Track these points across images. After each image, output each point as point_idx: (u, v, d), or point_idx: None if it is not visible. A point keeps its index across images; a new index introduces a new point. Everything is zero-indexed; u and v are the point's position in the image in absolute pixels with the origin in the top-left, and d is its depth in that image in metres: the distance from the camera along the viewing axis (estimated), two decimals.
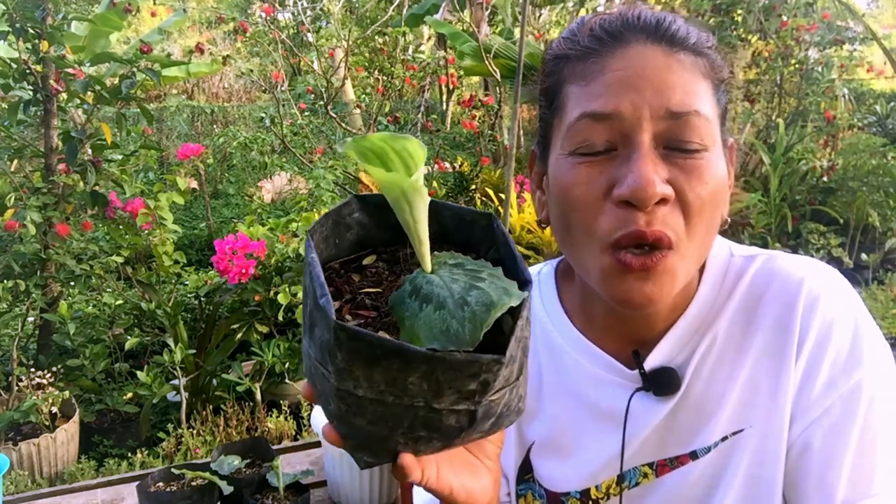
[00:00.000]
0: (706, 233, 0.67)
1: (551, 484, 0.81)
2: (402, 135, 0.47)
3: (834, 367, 0.68)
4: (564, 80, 0.71)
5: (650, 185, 0.62)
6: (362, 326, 0.48)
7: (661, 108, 0.64)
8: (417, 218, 0.49)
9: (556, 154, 0.71)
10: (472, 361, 0.45)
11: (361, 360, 0.46)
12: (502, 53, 5.52)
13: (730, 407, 0.71)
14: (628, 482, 0.76)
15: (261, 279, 2.94)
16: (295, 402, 2.87)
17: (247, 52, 6.58)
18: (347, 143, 0.48)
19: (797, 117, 5.91)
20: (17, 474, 2.45)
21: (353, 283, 0.54)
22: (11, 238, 2.97)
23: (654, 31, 0.68)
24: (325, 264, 0.56)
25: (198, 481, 1.66)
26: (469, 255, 0.55)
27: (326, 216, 0.56)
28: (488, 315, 0.45)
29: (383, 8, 8.34)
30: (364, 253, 0.58)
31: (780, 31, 5.62)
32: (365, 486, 1.74)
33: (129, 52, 3.48)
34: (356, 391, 0.47)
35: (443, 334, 0.45)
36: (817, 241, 4.98)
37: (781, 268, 0.73)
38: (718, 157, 0.67)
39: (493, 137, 5.41)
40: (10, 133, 3.14)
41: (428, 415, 0.47)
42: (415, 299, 0.48)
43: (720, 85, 0.70)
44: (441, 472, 0.58)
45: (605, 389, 0.77)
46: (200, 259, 5.18)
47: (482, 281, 0.48)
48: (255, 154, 4.75)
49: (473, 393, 0.47)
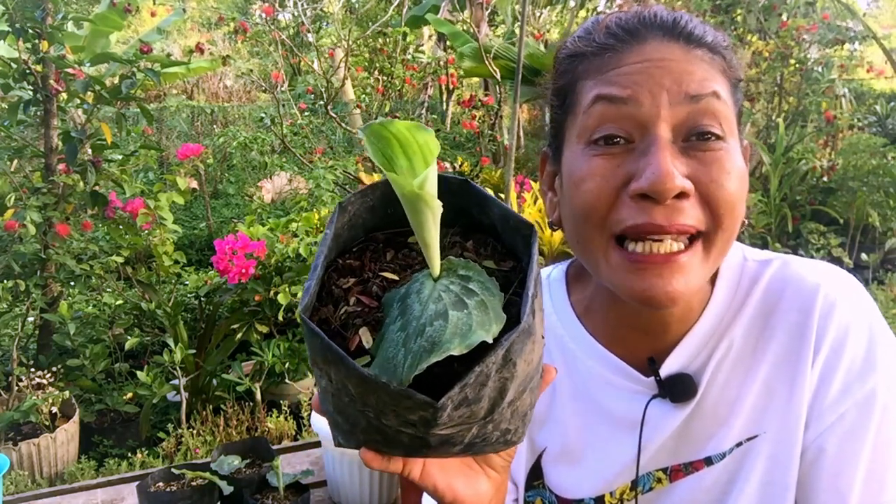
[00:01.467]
0: (732, 228, 0.65)
1: (563, 490, 0.79)
2: (426, 128, 0.46)
3: (849, 374, 0.68)
4: (579, 77, 0.69)
5: (669, 177, 0.60)
6: (353, 315, 0.49)
7: (679, 93, 0.63)
8: (421, 222, 0.47)
9: (571, 148, 0.69)
10: (404, 397, 0.43)
11: (320, 356, 0.46)
12: (502, 54, 5.52)
13: (745, 413, 0.71)
14: (642, 487, 0.75)
15: (261, 279, 2.94)
16: (295, 402, 2.87)
17: (247, 52, 6.58)
18: (372, 125, 0.46)
19: (797, 117, 5.91)
20: (17, 474, 2.45)
21: (381, 262, 0.53)
22: (11, 238, 2.96)
23: (671, 29, 0.67)
24: (369, 233, 0.55)
25: (198, 481, 1.66)
26: (508, 262, 0.53)
27: (374, 186, 0.54)
28: (427, 357, 0.42)
29: (383, 8, 8.33)
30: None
31: (780, 31, 5.62)
32: (365, 486, 1.73)
33: (129, 52, 3.47)
34: (321, 380, 0.48)
35: (387, 361, 0.44)
36: (817, 241, 4.98)
37: (796, 273, 0.72)
38: (737, 150, 0.66)
39: (493, 137, 5.41)
40: (10, 133, 3.14)
41: (378, 425, 0.46)
42: (398, 306, 0.47)
43: (737, 84, 0.69)
44: (427, 469, 0.56)
45: (620, 396, 0.76)
46: (200, 259, 5.17)
47: (463, 308, 0.44)
48: (255, 154, 4.76)
49: (416, 423, 0.45)
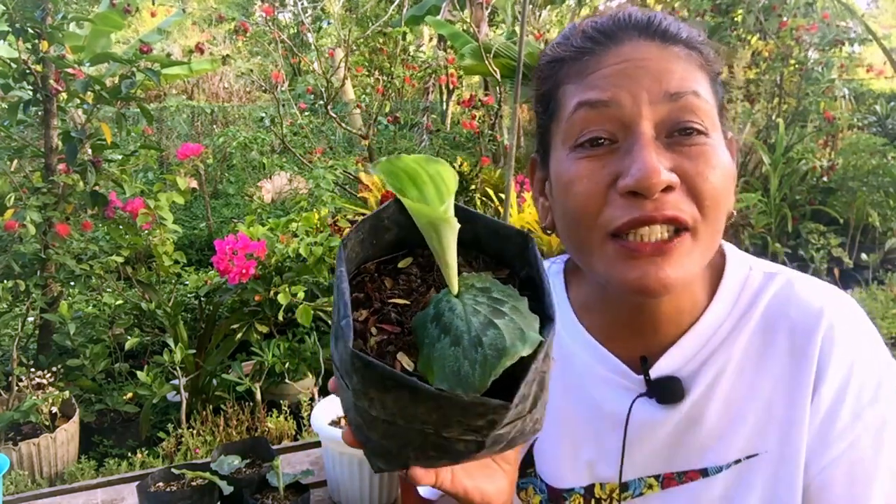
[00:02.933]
0: (718, 221, 0.66)
1: (552, 480, 0.80)
2: (436, 159, 0.48)
3: (859, 401, 0.67)
4: (560, 82, 0.71)
5: (655, 172, 0.61)
6: (384, 343, 0.50)
7: (659, 92, 0.64)
8: (446, 246, 0.49)
9: (557, 153, 0.70)
10: (479, 405, 0.45)
11: (375, 387, 0.47)
12: (502, 53, 5.52)
13: (745, 428, 0.71)
14: (632, 491, 0.75)
15: (261, 279, 2.94)
16: (295, 402, 2.87)
17: (247, 52, 6.58)
18: (380, 162, 0.48)
19: (797, 117, 5.91)
20: (17, 474, 2.45)
21: (384, 290, 0.55)
22: (11, 238, 2.97)
23: (646, 28, 0.68)
24: (360, 266, 0.57)
25: (198, 481, 1.66)
26: (502, 269, 0.56)
27: (364, 220, 0.56)
28: (498, 363, 0.45)
29: (383, 8, 8.34)
30: (400, 254, 0.58)
31: (780, 32, 5.62)
32: (365, 486, 1.73)
33: (129, 52, 3.48)
34: (370, 411, 0.49)
35: (454, 375, 0.45)
36: (817, 241, 4.98)
37: (800, 293, 0.72)
38: (720, 144, 0.67)
39: (493, 137, 5.42)
40: (10, 133, 3.14)
41: (437, 440, 0.48)
42: (435, 326, 0.48)
43: (716, 77, 0.70)
44: (455, 476, 0.58)
45: (609, 391, 0.77)
46: (200, 259, 5.17)
47: (503, 316, 0.47)
48: (255, 154, 4.76)
49: (481, 428, 0.47)
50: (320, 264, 2.92)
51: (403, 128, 5.48)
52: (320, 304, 2.93)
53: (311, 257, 2.89)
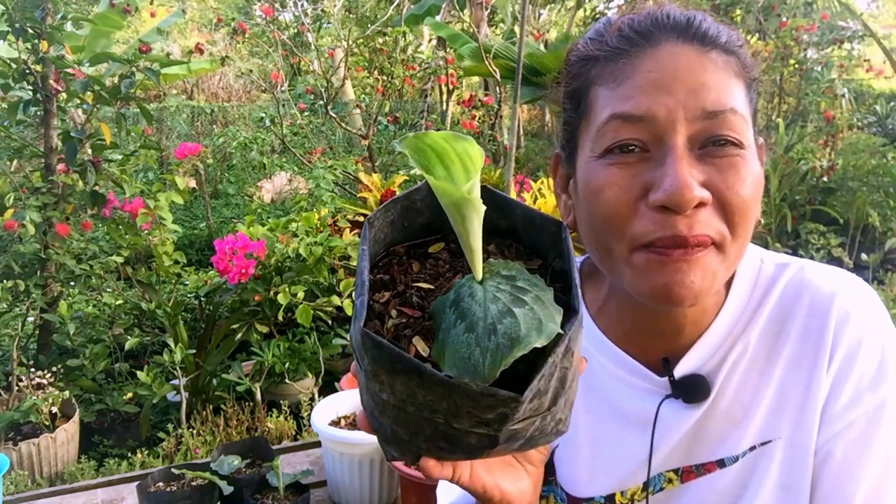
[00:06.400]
0: (746, 233, 0.66)
1: (573, 488, 0.79)
2: (464, 136, 0.46)
3: (860, 383, 0.68)
4: (592, 81, 0.69)
5: (688, 188, 0.60)
6: (401, 327, 0.49)
7: (696, 108, 0.63)
8: (469, 229, 0.47)
9: (586, 156, 0.69)
10: (487, 395, 0.44)
11: (384, 369, 0.46)
12: (502, 54, 5.53)
13: (759, 416, 0.71)
14: (653, 487, 0.75)
15: (261, 279, 2.94)
16: (295, 402, 2.87)
17: (247, 52, 6.58)
18: (407, 138, 0.46)
19: (797, 117, 5.91)
20: (17, 474, 2.45)
21: (410, 273, 0.53)
22: (11, 238, 2.97)
23: (684, 30, 0.66)
24: (389, 248, 0.56)
25: (198, 481, 1.66)
26: (534, 260, 0.54)
27: (395, 201, 0.55)
28: (509, 353, 0.43)
29: (383, 8, 8.33)
30: (432, 239, 0.57)
31: (780, 31, 5.62)
32: (365, 486, 1.73)
33: (129, 53, 3.48)
34: (381, 394, 0.48)
35: (463, 362, 0.44)
36: (817, 241, 4.98)
37: (813, 280, 0.73)
38: (753, 155, 0.66)
39: (493, 137, 5.42)
40: (9, 133, 3.14)
41: (448, 430, 0.47)
42: (453, 311, 0.47)
43: (751, 84, 0.69)
44: (475, 471, 0.57)
45: (632, 395, 0.76)
46: (200, 259, 5.17)
47: (523, 305, 0.46)
48: (255, 154, 4.76)
49: (492, 421, 0.46)
50: (320, 264, 2.92)
51: (403, 128, 5.48)
52: (320, 304, 2.92)
53: (311, 257, 2.89)
